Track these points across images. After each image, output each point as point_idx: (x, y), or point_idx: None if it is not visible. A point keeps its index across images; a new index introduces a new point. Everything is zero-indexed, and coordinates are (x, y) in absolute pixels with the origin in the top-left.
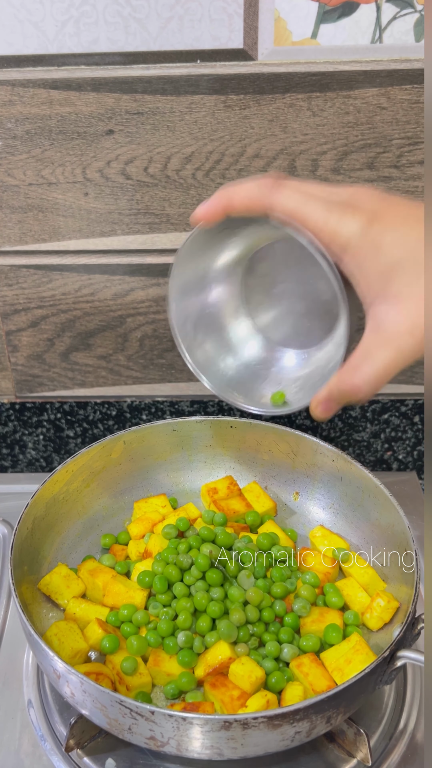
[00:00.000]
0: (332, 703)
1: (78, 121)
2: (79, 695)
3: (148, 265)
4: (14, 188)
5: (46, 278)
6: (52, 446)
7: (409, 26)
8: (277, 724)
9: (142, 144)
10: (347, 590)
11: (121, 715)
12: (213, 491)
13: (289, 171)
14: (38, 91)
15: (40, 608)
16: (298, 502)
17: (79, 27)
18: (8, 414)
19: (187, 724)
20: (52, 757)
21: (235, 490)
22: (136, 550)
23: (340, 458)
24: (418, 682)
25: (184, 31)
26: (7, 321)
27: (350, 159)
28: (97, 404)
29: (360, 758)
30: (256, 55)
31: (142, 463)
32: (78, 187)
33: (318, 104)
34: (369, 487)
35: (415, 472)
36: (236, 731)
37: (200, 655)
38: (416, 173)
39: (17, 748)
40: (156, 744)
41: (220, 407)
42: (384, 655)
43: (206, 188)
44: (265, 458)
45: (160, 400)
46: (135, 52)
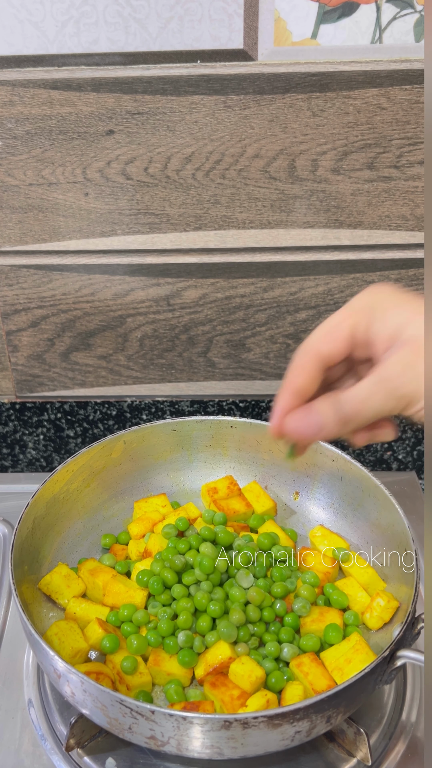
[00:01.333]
0: (332, 702)
1: (78, 122)
2: (79, 695)
3: (148, 265)
4: (14, 188)
5: (47, 278)
6: (53, 446)
7: (409, 26)
8: (277, 723)
9: (142, 144)
10: (347, 590)
11: (122, 715)
12: (213, 491)
13: (289, 171)
14: (38, 92)
15: (40, 608)
16: (298, 502)
17: (79, 27)
18: (8, 414)
19: (187, 724)
20: (52, 756)
21: (235, 490)
22: (136, 549)
23: (340, 458)
24: (418, 682)
25: (184, 31)
26: (7, 321)
27: (350, 159)
28: (97, 404)
29: (360, 758)
30: (256, 56)
31: (142, 463)
32: (78, 188)
33: (318, 104)
34: (369, 487)
35: (415, 472)
36: (236, 731)
37: (200, 654)
38: (416, 173)
39: (17, 747)
40: (156, 743)
41: (220, 407)
42: (384, 655)
43: (206, 188)
44: (265, 458)
45: (160, 400)
46: (135, 52)
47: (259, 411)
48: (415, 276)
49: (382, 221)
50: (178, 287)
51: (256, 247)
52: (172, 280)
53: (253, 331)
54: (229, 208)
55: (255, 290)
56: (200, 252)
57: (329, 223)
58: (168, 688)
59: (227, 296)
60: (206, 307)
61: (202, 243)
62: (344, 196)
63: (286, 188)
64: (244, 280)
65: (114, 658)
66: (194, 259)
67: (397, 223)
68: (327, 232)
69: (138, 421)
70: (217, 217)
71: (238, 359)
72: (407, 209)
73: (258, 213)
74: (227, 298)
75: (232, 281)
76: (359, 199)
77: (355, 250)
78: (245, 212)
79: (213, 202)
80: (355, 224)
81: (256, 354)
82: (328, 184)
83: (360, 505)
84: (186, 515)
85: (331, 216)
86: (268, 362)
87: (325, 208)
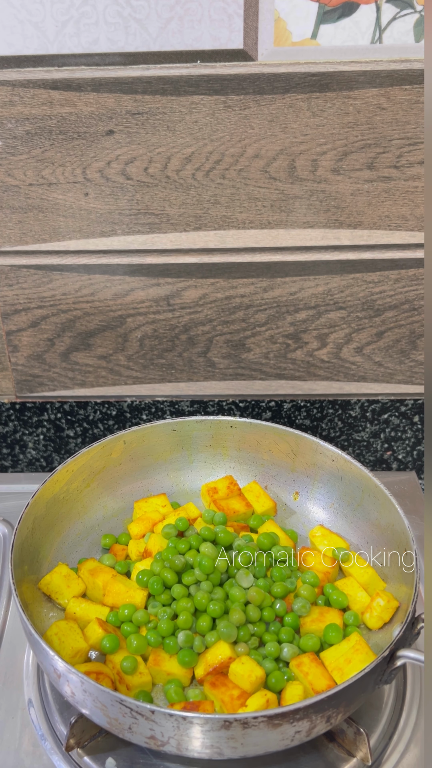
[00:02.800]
0: (332, 702)
1: (78, 122)
2: (79, 695)
3: (148, 265)
4: (14, 188)
5: (47, 278)
6: (53, 446)
7: (409, 27)
8: (277, 723)
9: (142, 144)
10: (347, 590)
11: (122, 715)
12: (213, 491)
13: (289, 171)
14: (38, 92)
15: (40, 608)
16: (297, 502)
17: (79, 27)
18: (8, 414)
19: (187, 724)
20: (52, 756)
21: (235, 490)
22: (136, 549)
23: (340, 458)
24: (418, 682)
25: (184, 31)
26: (7, 321)
27: (350, 159)
28: (97, 404)
29: (360, 757)
30: (256, 56)
31: (142, 463)
32: (78, 188)
33: (318, 104)
34: (369, 486)
35: (415, 472)
36: (236, 731)
37: (200, 654)
38: (416, 173)
39: (17, 747)
40: (156, 743)
41: (220, 407)
42: (384, 655)
43: (206, 188)
44: (265, 458)
45: (160, 400)
46: (135, 52)
47: (258, 411)
48: (415, 276)
49: (382, 221)
50: (178, 287)
51: (256, 247)
52: (172, 280)
53: (253, 331)
54: (229, 208)
55: (255, 290)
56: (200, 252)
57: (329, 223)
58: (168, 688)
59: (227, 296)
60: (206, 307)
61: (202, 243)
62: (344, 196)
63: (286, 188)
64: (244, 280)
65: (114, 658)
66: (194, 259)
67: (397, 223)
68: (327, 232)
69: (138, 421)
70: (217, 217)
71: (238, 359)
72: (407, 209)
73: (258, 213)
74: (227, 298)
75: (232, 281)
76: (359, 199)
77: (355, 250)
78: (245, 212)
79: (213, 202)
80: (355, 224)
81: (256, 354)
82: (328, 184)
83: (360, 505)
84: (186, 515)
85: (331, 216)
86: (268, 362)
87: (325, 208)
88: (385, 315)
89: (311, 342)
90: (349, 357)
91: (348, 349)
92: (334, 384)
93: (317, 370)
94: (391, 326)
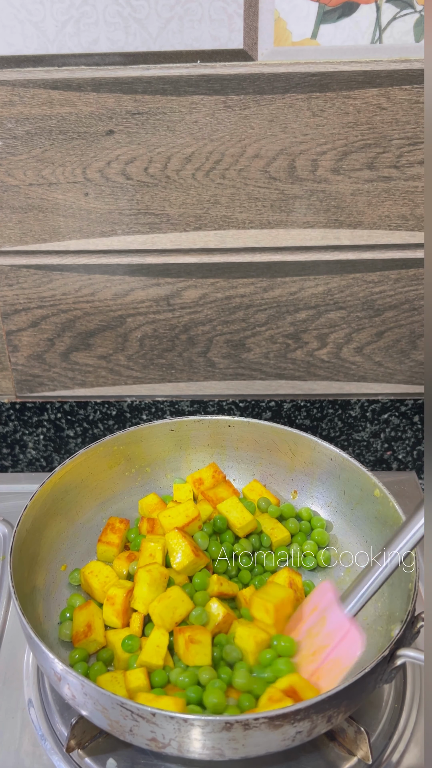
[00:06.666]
0: (333, 702)
1: (78, 122)
2: (79, 697)
3: (148, 265)
4: (14, 188)
5: (47, 278)
6: (53, 446)
7: (409, 26)
8: (278, 724)
9: (142, 144)
10: None
11: (122, 717)
12: (199, 482)
13: (289, 171)
14: (38, 92)
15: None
16: (296, 501)
17: (79, 27)
18: (8, 414)
19: (188, 726)
20: (52, 756)
21: (220, 478)
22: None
23: (338, 456)
24: (418, 681)
25: (184, 31)
26: (7, 321)
27: (350, 159)
28: (97, 404)
29: (360, 756)
30: (256, 56)
31: (142, 463)
32: (78, 188)
33: (318, 104)
34: (367, 485)
35: (415, 472)
36: (237, 732)
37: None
38: (416, 173)
39: (18, 747)
40: (157, 745)
41: (220, 407)
42: (384, 654)
43: (206, 188)
44: (264, 457)
45: (160, 400)
46: (135, 52)
47: (258, 411)
48: (415, 276)
49: (382, 221)
50: (178, 287)
51: (256, 247)
52: (172, 280)
53: (253, 331)
54: (229, 208)
55: (255, 290)
56: (200, 252)
57: (329, 223)
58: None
59: (227, 296)
60: (206, 307)
61: (202, 243)
62: (344, 196)
63: (286, 188)
64: (244, 280)
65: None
66: (194, 259)
67: (397, 223)
68: (327, 232)
69: (138, 421)
70: (217, 217)
71: (238, 359)
72: (407, 209)
73: (258, 213)
74: (227, 298)
75: (232, 281)
76: (359, 199)
77: (355, 250)
78: (245, 212)
79: (213, 202)
80: (355, 224)
81: (256, 354)
82: (328, 184)
83: (359, 505)
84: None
85: (331, 216)
86: (268, 362)
87: (325, 208)
88: (385, 315)
89: (311, 342)
90: (349, 357)
91: (348, 349)
92: (334, 384)
93: (317, 370)
94: (391, 326)
